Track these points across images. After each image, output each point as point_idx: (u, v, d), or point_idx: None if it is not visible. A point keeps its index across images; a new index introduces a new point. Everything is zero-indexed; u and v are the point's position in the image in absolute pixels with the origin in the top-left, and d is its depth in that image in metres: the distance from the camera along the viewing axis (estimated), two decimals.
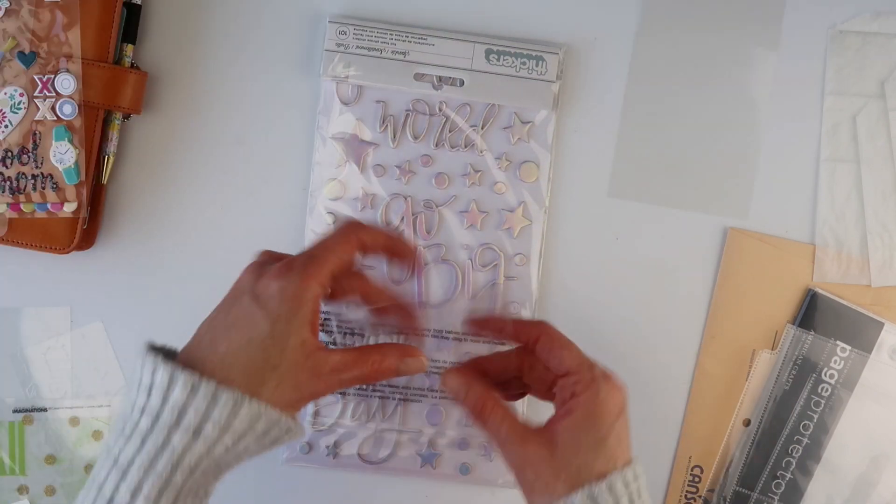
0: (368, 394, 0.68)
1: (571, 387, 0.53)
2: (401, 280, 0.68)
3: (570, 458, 0.51)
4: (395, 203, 0.68)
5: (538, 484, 0.51)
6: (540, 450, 0.52)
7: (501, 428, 0.53)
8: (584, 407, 0.52)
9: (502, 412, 0.54)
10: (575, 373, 0.54)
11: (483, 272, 0.68)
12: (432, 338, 0.68)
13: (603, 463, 0.51)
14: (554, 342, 0.56)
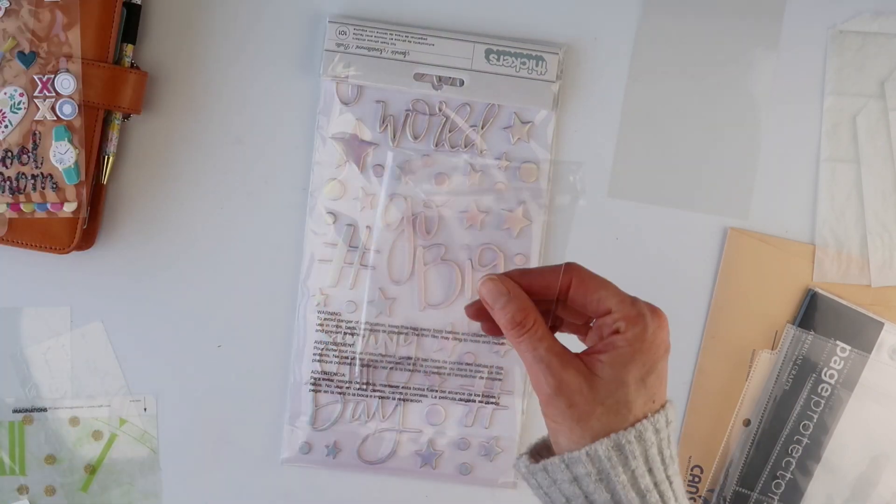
0: (368, 394, 0.68)
1: (614, 324, 0.49)
2: (400, 280, 0.68)
3: (610, 392, 0.48)
4: (395, 203, 0.68)
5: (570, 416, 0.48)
6: (578, 378, 0.48)
7: (540, 346, 0.49)
8: (630, 343, 0.48)
9: (544, 328, 0.50)
10: (618, 310, 0.49)
11: (483, 272, 0.68)
12: (432, 338, 0.68)
13: (642, 403, 0.48)
14: (588, 285, 0.51)
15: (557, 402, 0.48)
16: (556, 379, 0.48)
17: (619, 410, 0.48)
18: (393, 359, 0.68)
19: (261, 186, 0.68)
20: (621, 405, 0.48)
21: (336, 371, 0.68)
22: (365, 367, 0.68)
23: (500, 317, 0.50)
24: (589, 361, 0.48)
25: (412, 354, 0.68)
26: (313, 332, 0.68)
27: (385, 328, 0.68)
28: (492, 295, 0.50)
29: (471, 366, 0.68)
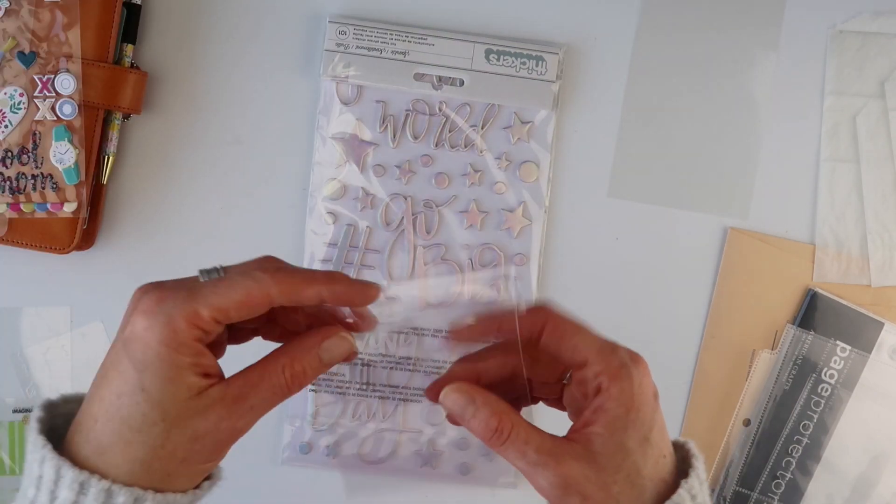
0: (368, 394, 0.68)
1: (594, 379, 0.43)
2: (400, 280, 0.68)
3: (618, 467, 0.42)
4: (395, 203, 0.68)
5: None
6: (580, 467, 0.42)
7: (527, 451, 0.42)
8: (617, 402, 0.42)
9: (525, 431, 0.43)
10: (596, 362, 0.43)
11: (483, 272, 0.68)
12: (432, 337, 0.68)
13: (652, 465, 0.42)
14: (564, 329, 0.45)
15: (569, 500, 0.42)
16: (559, 478, 0.42)
17: (633, 482, 0.42)
18: (393, 359, 0.68)
19: (261, 186, 0.68)
20: (634, 475, 0.42)
21: (336, 371, 0.68)
22: (365, 367, 0.68)
23: (473, 428, 0.44)
24: (583, 438, 0.43)
25: (412, 354, 0.68)
26: None
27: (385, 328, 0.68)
28: (457, 407, 0.44)
29: None
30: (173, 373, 0.40)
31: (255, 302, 0.41)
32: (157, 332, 0.40)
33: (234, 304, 0.40)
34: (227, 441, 0.42)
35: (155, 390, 0.40)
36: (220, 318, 0.40)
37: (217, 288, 0.41)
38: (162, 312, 0.40)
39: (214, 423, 0.41)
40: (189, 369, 0.40)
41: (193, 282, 0.43)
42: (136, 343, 0.40)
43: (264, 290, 0.41)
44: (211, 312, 0.40)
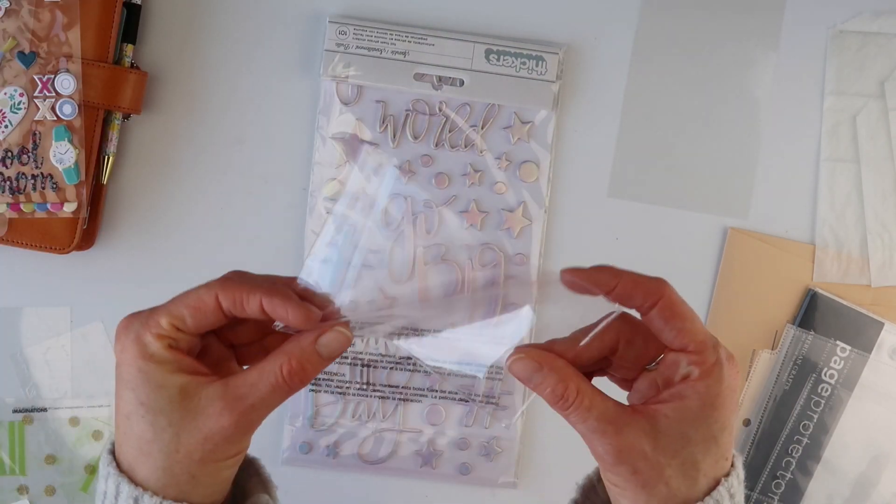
0: (368, 394, 0.68)
1: (687, 367, 0.43)
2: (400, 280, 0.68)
3: (675, 452, 0.42)
4: (395, 203, 0.68)
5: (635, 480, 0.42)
6: (640, 439, 0.42)
7: (590, 416, 0.43)
8: (701, 395, 0.42)
9: (589, 398, 0.43)
10: (696, 352, 0.43)
11: (483, 272, 0.68)
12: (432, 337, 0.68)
13: (711, 463, 0.43)
14: (675, 311, 0.44)
15: (619, 469, 0.42)
16: (615, 447, 0.42)
17: (687, 472, 0.42)
18: (393, 359, 0.68)
19: (261, 186, 0.68)
20: (689, 466, 0.42)
21: (336, 371, 0.68)
22: (365, 367, 0.68)
23: (539, 393, 0.45)
24: (650, 413, 0.42)
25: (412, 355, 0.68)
26: None
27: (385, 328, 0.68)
28: (524, 373, 0.45)
29: None
30: (159, 379, 0.42)
31: (204, 307, 0.43)
32: (130, 351, 0.43)
33: (188, 311, 0.43)
34: (237, 437, 0.43)
35: (151, 400, 0.42)
36: (179, 325, 0.43)
37: (174, 299, 0.44)
38: (131, 332, 0.43)
39: (218, 420, 0.42)
40: (173, 373, 0.43)
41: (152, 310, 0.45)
42: (122, 367, 0.43)
43: (211, 296, 0.43)
44: (169, 320, 0.43)
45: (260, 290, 0.43)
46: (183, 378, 0.43)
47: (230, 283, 0.44)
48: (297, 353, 0.44)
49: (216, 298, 0.43)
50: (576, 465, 0.70)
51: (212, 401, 0.42)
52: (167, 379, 0.42)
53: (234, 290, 0.43)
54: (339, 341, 0.45)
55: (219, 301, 0.43)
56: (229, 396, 0.43)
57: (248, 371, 0.44)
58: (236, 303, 0.43)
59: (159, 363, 0.42)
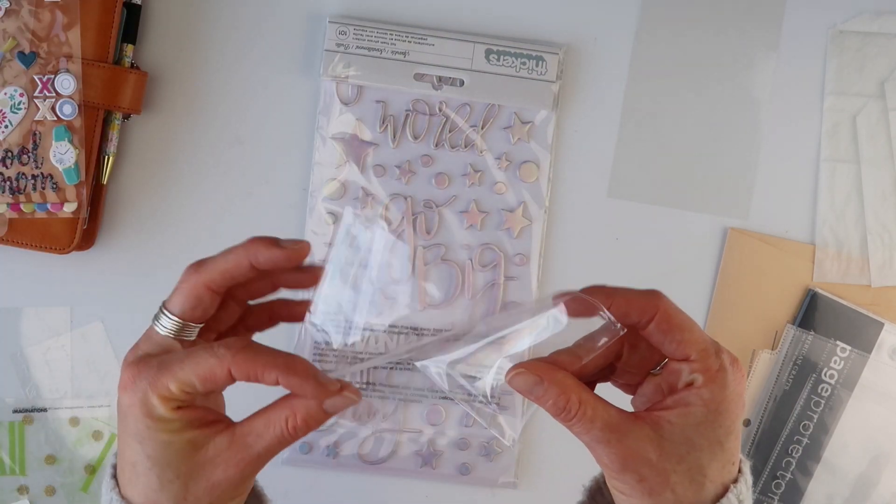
0: (368, 394, 0.68)
1: (690, 375, 0.43)
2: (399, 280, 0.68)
3: (680, 458, 0.42)
4: (395, 203, 0.68)
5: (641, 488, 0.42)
6: (644, 447, 0.42)
7: (594, 426, 0.43)
8: (706, 401, 0.42)
9: (592, 408, 0.43)
10: (698, 360, 0.43)
11: (483, 272, 0.68)
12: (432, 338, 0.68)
13: (718, 468, 0.43)
14: (672, 323, 0.44)
15: (624, 477, 0.43)
16: (619, 455, 0.42)
17: (693, 478, 0.42)
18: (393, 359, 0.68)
19: (261, 186, 0.68)
20: (696, 472, 0.42)
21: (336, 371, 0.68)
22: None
23: (541, 405, 0.45)
24: (655, 420, 0.43)
25: None
26: (313, 332, 0.68)
27: (385, 328, 0.68)
28: (525, 387, 0.45)
29: None
30: (167, 437, 0.43)
31: (215, 378, 0.43)
32: (137, 409, 0.43)
33: (199, 379, 0.43)
34: (244, 482, 0.44)
35: (158, 455, 0.43)
36: (188, 390, 0.43)
37: (183, 363, 0.43)
38: (138, 390, 0.43)
39: (224, 471, 0.43)
40: (181, 431, 0.43)
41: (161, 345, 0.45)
42: (127, 418, 0.43)
43: (224, 369, 0.43)
44: (179, 386, 0.42)
45: (276, 369, 0.43)
46: (191, 433, 0.43)
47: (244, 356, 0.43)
48: (302, 411, 0.44)
49: (228, 372, 0.43)
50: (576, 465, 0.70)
51: (219, 451, 0.43)
52: (175, 437, 0.43)
53: (249, 366, 0.43)
54: (345, 403, 0.46)
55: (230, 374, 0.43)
56: (236, 446, 0.43)
57: (255, 419, 0.44)
58: (249, 377, 0.43)
59: (167, 422, 0.43)
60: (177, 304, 0.46)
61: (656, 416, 0.43)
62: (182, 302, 0.46)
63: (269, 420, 0.44)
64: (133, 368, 0.44)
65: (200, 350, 0.43)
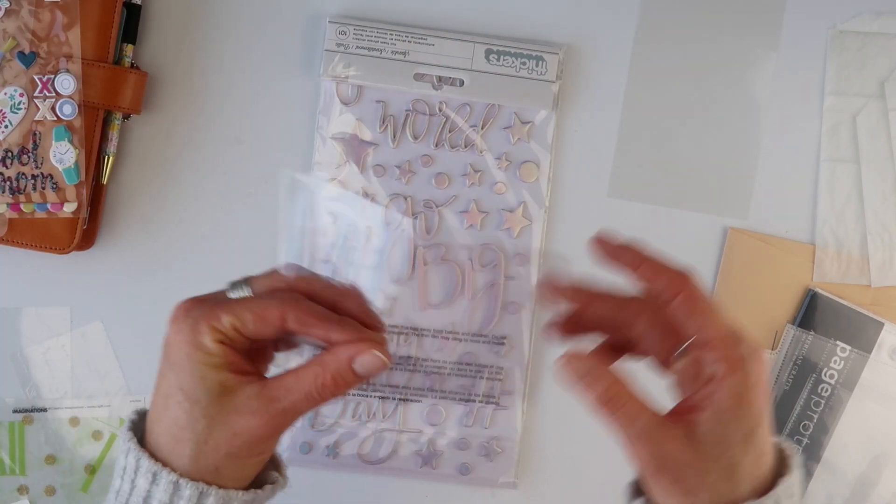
0: (368, 394, 0.68)
1: (711, 364, 0.43)
2: (400, 280, 0.68)
3: (717, 457, 0.43)
4: (395, 203, 0.68)
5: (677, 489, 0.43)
6: (682, 450, 0.43)
7: (636, 423, 0.43)
8: (730, 394, 0.42)
9: (634, 407, 0.44)
10: (718, 348, 0.43)
11: (483, 272, 0.68)
12: (432, 338, 0.68)
13: (752, 461, 0.43)
14: (696, 305, 0.44)
15: (662, 479, 0.43)
16: (658, 456, 0.43)
17: (728, 476, 0.43)
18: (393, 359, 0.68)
19: (261, 186, 0.68)
20: (729, 470, 0.43)
21: None
22: None
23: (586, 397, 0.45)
24: (687, 422, 0.43)
25: (412, 354, 0.68)
26: None
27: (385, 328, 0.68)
28: (575, 376, 0.45)
29: (471, 366, 0.68)
30: (202, 370, 0.43)
31: (270, 321, 0.44)
32: (184, 335, 0.44)
33: (252, 318, 0.44)
34: (265, 438, 0.45)
35: (191, 389, 0.43)
36: (239, 327, 0.44)
37: (241, 302, 0.45)
38: (189, 318, 0.44)
39: (249, 420, 0.44)
40: (218, 368, 0.44)
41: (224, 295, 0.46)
42: (170, 347, 0.44)
43: (281, 314, 0.44)
44: (231, 320, 0.43)
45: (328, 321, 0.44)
46: (225, 374, 0.44)
47: (301, 304, 0.44)
48: (332, 367, 0.44)
49: (282, 315, 0.44)
50: (576, 466, 0.70)
51: (247, 399, 0.44)
52: (210, 373, 0.43)
53: (304, 314, 0.44)
54: (375, 364, 0.45)
55: (284, 318, 0.44)
56: (264, 398, 0.44)
57: (287, 374, 0.45)
58: (302, 325, 0.44)
59: (207, 354, 0.43)
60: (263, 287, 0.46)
61: (689, 418, 0.43)
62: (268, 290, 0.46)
63: (299, 376, 0.44)
64: (189, 302, 0.45)
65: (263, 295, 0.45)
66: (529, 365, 0.69)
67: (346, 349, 0.45)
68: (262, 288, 0.46)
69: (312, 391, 0.44)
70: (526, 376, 0.68)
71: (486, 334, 0.68)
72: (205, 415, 0.43)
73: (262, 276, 0.47)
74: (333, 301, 0.47)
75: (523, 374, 0.68)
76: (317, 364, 0.44)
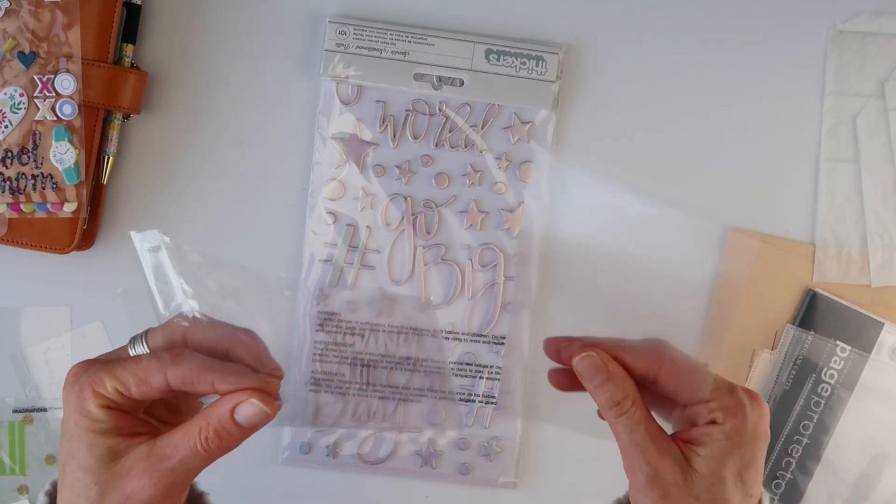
0: (368, 394, 0.68)
1: (709, 414, 0.46)
2: (400, 280, 0.68)
3: (706, 488, 0.45)
4: (395, 203, 0.68)
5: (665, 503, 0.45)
6: (675, 469, 0.45)
7: (638, 429, 0.46)
8: (729, 437, 0.45)
9: (641, 413, 0.46)
10: (715, 398, 0.46)
11: (483, 272, 0.68)
12: (432, 338, 0.68)
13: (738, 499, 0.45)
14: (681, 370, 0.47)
15: (650, 492, 0.45)
16: (652, 467, 0.45)
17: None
18: (393, 359, 0.68)
19: (261, 186, 0.68)
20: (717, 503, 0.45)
21: (336, 371, 0.68)
22: (365, 367, 0.68)
23: (597, 395, 0.47)
24: (686, 451, 0.46)
25: (412, 354, 0.68)
26: (313, 332, 0.68)
27: (385, 328, 0.68)
28: (590, 371, 0.47)
29: (471, 366, 0.68)
30: (90, 437, 0.43)
31: (152, 384, 0.43)
32: (72, 403, 0.43)
33: (134, 381, 0.43)
34: (160, 498, 0.43)
35: (81, 456, 0.43)
36: (123, 391, 0.43)
37: (125, 364, 0.43)
38: (77, 383, 0.43)
39: (139, 481, 0.43)
40: (105, 433, 0.43)
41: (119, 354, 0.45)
42: (64, 416, 0.44)
43: (161, 374, 0.43)
44: (114, 384, 0.43)
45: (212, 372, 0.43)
46: (113, 440, 0.43)
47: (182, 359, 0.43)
48: (214, 420, 0.43)
49: (164, 376, 0.43)
50: (576, 466, 0.70)
51: (136, 461, 0.43)
52: (97, 439, 0.43)
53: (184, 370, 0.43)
54: (256, 415, 0.44)
55: (166, 379, 0.43)
56: (153, 457, 0.43)
57: (174, 431, 0.44)
58: (186, 384, 0.43)
59: (94, 421, 0.43)
60: (157, 339, 0.45)
61: (687, 447, 0.46)
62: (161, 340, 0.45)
63: (185, 432, 0.43)
64: (79, 366, 0.44)
65: (145, 355, 0.44)
66: (529, 365, 0.69)
67: (228, 400, 0.43)
68: (157, 342, 0.45)
69: (198, 447, 0.43)
70: (525, 376, 0.68)
71: (486, 334, 0.68)
72: (96, 482, 0.43)
73: (158, 329, 0.46)
74: (226, 349, 0.46)
75: (523, 374, 0.68)
76: (202, 418, 0.43)
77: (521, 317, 0.68)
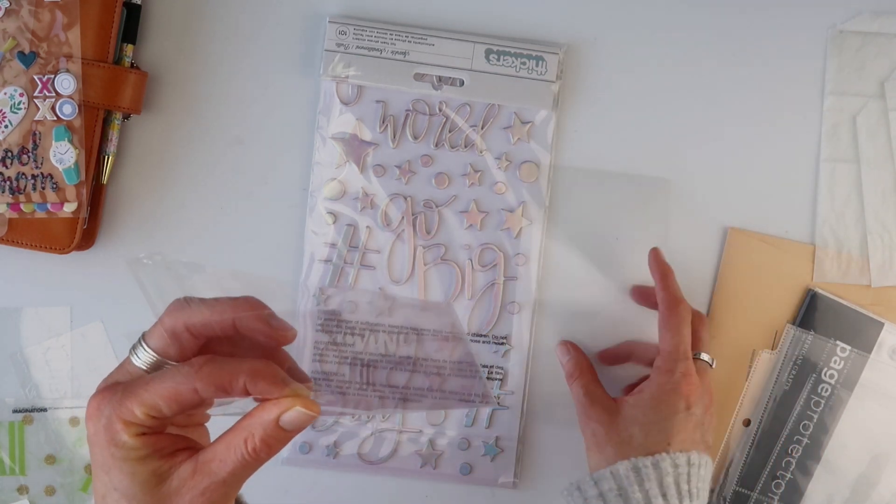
0: (368, 394, 0.68)
1: (655, 368, 0.60)
2: (400, 280, 0.68)
3: (624, 428, 0.59)
4: (395, 203, 0.68)
5: (594, 442, 0.60)
6: (603, 415, 0.61)
7: (581, 389, 0.63)
8: (651, 391, 0.59)
9: (587, 379, 0.64)
10: (660, 358, 0.60)
11: (483, 272, 0.68)
12: (432, 338, 0.68)
13: (653, 442, 0.58)
14: (666, 321, 0.61)
15: (585, 431, 0.62)
16: (586, 414, 0.62)
17: (629, 443, 0.58)
18: (393, 359, 0.68)
19: (261, 186, 0.68)
20: (627, 441, 0.59)
21: (336, 371, 0.68)
22: (365, 367, 0.68)
23: (563, 367, 0.67)
24: (619, 402, 0.61)
25: (412, 354, 0.68)
26: (313, 332, 0.68)
27: (385, 328, 0.68)
28: (559, 354, 0.68)
29: (471, 366, 0.68)
30: (130, 466, 0.42)
31: (181, 397, 0.42)
32: (102, 437, 0.42)
33: (164, 400, 0.41)
34: None
35: (124, 487, 0.42)
36: (154, 414, 0.42)
37: (148, 385, 0.42)
38: (102, 416, 0.42)
39: (191, 501, 0.42)
40: (145, 459, 0.42)
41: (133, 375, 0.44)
42: (94, 447, 0.42)
43: (189, 387, 0.41)
44: (144, 410, 0.41)
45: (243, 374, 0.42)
46: (155, 463, 0.42)
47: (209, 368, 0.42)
48: (259, 430, 0.43)
49: (194, 389, 0.41)
50: (576, 466, 0.70)
51: (184, 481, 0.42)
52: (138, 467, 0.42)
53: (215, 377, 0.42)
54: (301, 420, 0.44)
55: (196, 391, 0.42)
56: (200, 475, 0.42)
57: (217, 444, 0.43)
58: (217, 389, 0.42)
59: (130, 450, 0.42)
60: (156, 338, 0.44)
61: (621, 399, 0.61)
62: (161, 337, 0.44)
63: (230, 444, 0.43)
64: (99, 396, 0.43)
65: (165, 371, 0.42)
66: (529, 365, 0.69)
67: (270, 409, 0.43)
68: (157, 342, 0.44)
69: (246, 457, 0.43)
70: (526, 376, 0.68)
71: (487, 334, 0.68)
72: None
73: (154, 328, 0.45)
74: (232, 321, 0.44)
75: (523, 374, 0.68)
76: (244, 428, 0.43)
77: (522, 317, 0.68)
